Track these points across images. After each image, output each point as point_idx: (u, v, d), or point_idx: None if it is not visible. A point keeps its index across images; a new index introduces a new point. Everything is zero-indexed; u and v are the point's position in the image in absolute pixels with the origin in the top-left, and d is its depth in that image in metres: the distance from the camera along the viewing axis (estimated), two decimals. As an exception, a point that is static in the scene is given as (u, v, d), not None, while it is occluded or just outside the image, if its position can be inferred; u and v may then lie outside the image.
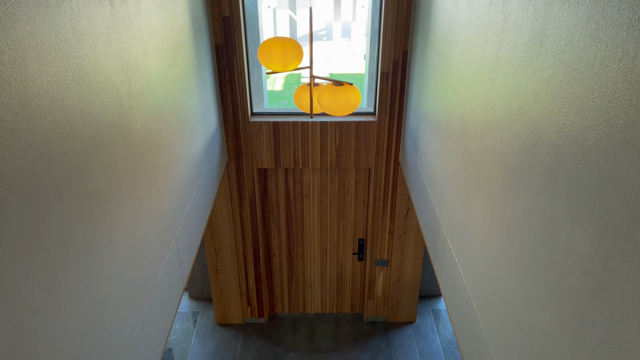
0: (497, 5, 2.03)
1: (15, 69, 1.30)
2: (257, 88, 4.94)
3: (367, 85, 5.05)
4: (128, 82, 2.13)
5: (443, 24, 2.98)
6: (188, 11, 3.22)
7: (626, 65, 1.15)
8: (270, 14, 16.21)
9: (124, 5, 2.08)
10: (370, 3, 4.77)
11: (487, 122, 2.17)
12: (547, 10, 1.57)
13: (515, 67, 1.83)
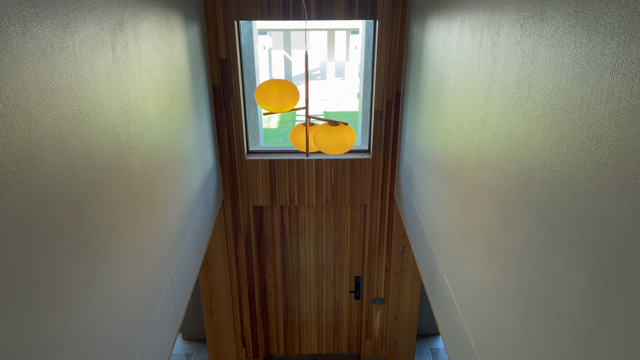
0: (486, 48, 2.10)
1: (19, 113, 1.33)
2: (253, 126, 5.01)
3: (361, 124, 5.13)
4: (127, 123, 2.17)
5: (435, 65, 3.07)
6: (186, 54, 3.30)
7: (612, 107, 1.19)
8: (265, 54, 16.57)
9: (125, 49, 2.14)
10: (363, 44, 4.91)
11: (480, 160, 2.21)
12: (534, 54, 1.63)
13: (506, 108, 1.88)
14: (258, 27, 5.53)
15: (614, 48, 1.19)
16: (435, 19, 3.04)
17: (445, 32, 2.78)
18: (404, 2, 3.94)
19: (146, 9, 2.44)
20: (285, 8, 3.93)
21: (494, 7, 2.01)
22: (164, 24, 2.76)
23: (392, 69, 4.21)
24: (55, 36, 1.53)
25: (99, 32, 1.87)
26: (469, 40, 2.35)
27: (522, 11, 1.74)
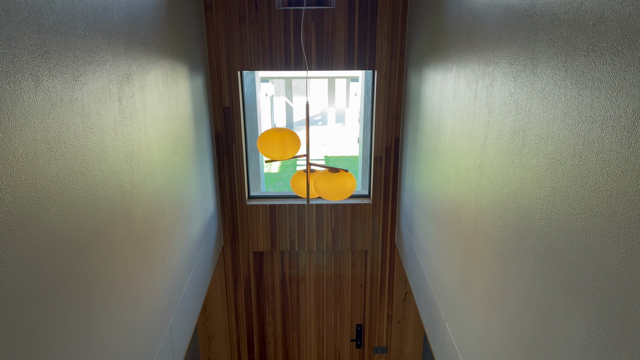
0: (481, 98, 2.17)
1: (27, 164, 1.37)
2: (254, 171, 5.07)
3: (361, 169, 5.19)
4: (131, 171, 2.21)
5: (432, 114, 3.15)
6: (191, 102, 3.39)
7: (603, 158, 1.23)
8: (268, 101, 16.91)
9: (131, 100, 2.21)
10: (362, 92, 5.04)
11: (478, 207, 2.23)
12: (527, 106, 1.69)
13: (502, 156, 1.92)
14: (260, 76, 5.69)
15: (602, 102, 1.24)
16: (431, 70, 3.14)
17: (442, 83, 2.87)
18: (401, 53, 4.08)
19: (153, 61, 2.54)
20: (287, 59, 4.06)
21: (488, 60, 2.09)
22: (170, 75, 2.86)
23: (391, 116, 4.30)
24: (65, 89, 1.59)
25: (107, 84, 1.94)
26: (464, 91, 2.43)
27: (514, 64, 1.81)
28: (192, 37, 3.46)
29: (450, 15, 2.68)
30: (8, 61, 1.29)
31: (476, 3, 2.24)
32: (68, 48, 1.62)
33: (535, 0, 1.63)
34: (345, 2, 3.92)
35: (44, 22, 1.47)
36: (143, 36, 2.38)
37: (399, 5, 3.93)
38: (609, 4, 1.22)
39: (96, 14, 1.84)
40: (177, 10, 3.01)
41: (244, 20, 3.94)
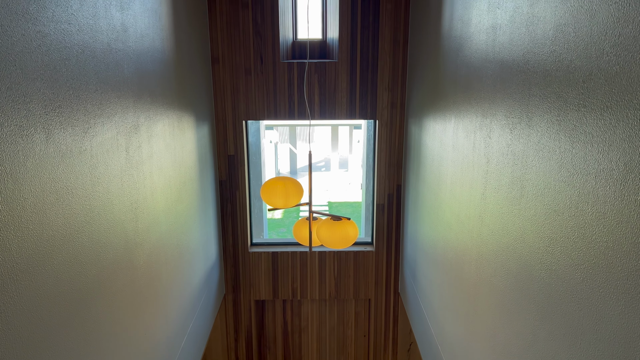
0: (480, 149, 2.22)
1: (35, 214, 1.40)
2: (257, 218, 5.09)
3: (364, 216, 5.20)
4: (135, 220, 2.24)
5: (432, 163, 3.20)
6: (196, 151, 3.47)
7: (599, 210, 1.25)
8: (272, 148, 17.13)
9: (138, 150, 2.27)
10: (365, 139, 5.13)
11: (480, 256, 2.24)
12: (524, 157, 1.73)
13: (502, 206, 1.94)
14: (265, 123, 5.82)
15: (595, 155, 1.28)
16: (431, 120, 3.21)
17: (441, 132, 2.93)
18: (402, 103, 4.18)
19: (161, 112, 2.62)
20: (291, 109, 4.17)
21: (485, 112, 2.15)
22: (176, 125, 2.94)
23: (393, 164, 4.36)
24: (75, 141, 1.65)
25: (115, 135, 2.00)
26: (463, 141, 2.48)
27: (510, 117, 1.86)
28: (199, 88, 3.57)
29: (448, 69, 2.78)
30: (22, 116, 1.35)
31: (472, 58, 2.33)
32: (79, 102, 1.69)
33: (528, 57, 1.70)
34: (347, 55, 4.06)
35: (58, 78, 1.55)
36: (152, 89, 2.47)
37: (399, 58, 4.07)
38: (596, 63, 1.28)
39: (108, 70, 1.93)
40: (185, 64, 3.12)
41: (250, 73, 4.08)
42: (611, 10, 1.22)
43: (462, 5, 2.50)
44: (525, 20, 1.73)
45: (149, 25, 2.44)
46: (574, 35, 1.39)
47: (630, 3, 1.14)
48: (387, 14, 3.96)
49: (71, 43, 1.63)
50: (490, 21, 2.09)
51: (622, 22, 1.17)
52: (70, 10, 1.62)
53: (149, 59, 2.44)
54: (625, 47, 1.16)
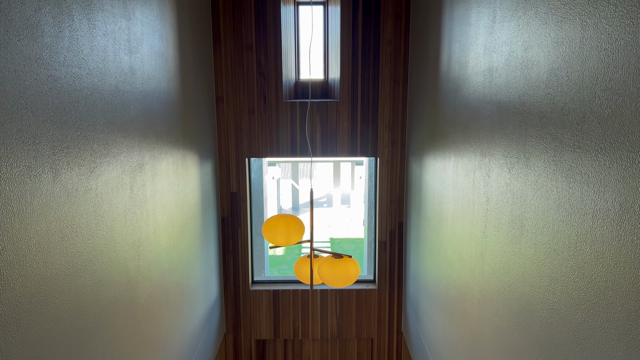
0: (479, 188, 2.24)
1: (39, 253, 1.42)
2: (259, 255, 5.07)
3: (366, 253, 5.18)
4: (137, 258, 2.24)
5: (433, 200, 3.22)
6: (199, 189, 3.50)
7: (597, 250, 1.27)
8: (274, 184, 17.20)
9: (142, 189, 2.30)
10: (366, 176, 5.17)
11: (482, 295, 2.23)
12: (522, 196, 1.75)
13: (502, 245, 1.95)
14: (268, 160, 5.90)
15: (591, 195, 1.30)
16: (431, 158, 3.26)
17: (441, 171, 2.97)
18: (402, 142, 4.24)
19: (165, 151, 2.66)
20: (293, 147, 4.23)
21: (484, 151, 2.19)
22: (180, 163, 2.98)
23: (394, 201, 4.38)
24: (81, 180, 1.68)
25: (120, 174, 2.04)
26: (463, 180, 2.51)
27: (508, 157, 1.89)
28: (204, 127, 3.64)
29: (446, 109, 2.84)
30: (31, 156, 1.38)
31: (470, 99, 2.38)
32: (87, 142, 1.73)
33: (524, 99, 1.75)
34: (349, 95, 4.15)
35: (67, 120, 1.59)
36: (157, 128, 2.53)
37: (399, 97, 4.15)
38: (589, 106, 1.32)
39: (115, 111, 1.98)
40: (190, 104, 3.20)
41: (253, 112, 4.16)
42: (601, 57, 1.26)
43: (460, 48, 2.58)
44: (520, 63, 1.78)
45: (156, 67, 2.52)
46: (566, 79, 1.44)
47: (618, 50, 1.19)
48: (386, 55, 4.07)
49: (81, 86, 1.68)
50: (486, 64, 2.15)
51: (612, 68, 1.21)
52: (81, 54, 1.68)
53: (155, 99, 2.50)
54: (616, 91, 1.20)
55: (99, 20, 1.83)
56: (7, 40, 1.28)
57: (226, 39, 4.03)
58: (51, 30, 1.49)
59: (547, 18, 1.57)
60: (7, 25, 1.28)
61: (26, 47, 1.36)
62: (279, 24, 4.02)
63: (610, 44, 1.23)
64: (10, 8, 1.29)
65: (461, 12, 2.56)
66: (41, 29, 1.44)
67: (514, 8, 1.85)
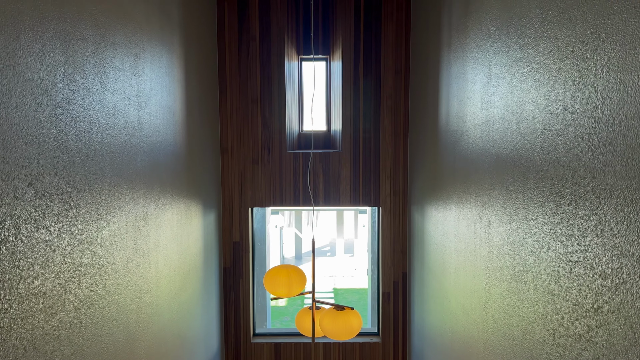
0: (480, 239, 2.25)
1: (42, 306, 1.42)
2: (260, 306, 5.00)
3: (370, 304, 5.10)
4: (138, 310, 2.23)
5: (436, 251, 3.21)
6: (202, 239, 3.51)
7: (597, 303, 1.27)
8: (277, 232, 17.15)
9: (146, 240, 2.32)
10: (369, 225, 5.17)
11: (487, 349, 2.19)
12: (523, 248, 1.76)
13: (505, 297, 1.94)
14: (271, 208, 5.93)
15: (589, 248, 1.31)
16: (433, 208, 3.28)
17: (443, 221, 2.98)
18: (404, 191, 4.28)
19: (170, 202, 2.70)
20: (296, 196, 4.27)
21: (484, 203, 2.21)
22: (184, 213, 3.01)
23: (397, 251, 4.36)
24: (86, 232, 1.71)
25: (125, 226, 2.06)
26: (464, 230, 2.52)
27: (507, 208, 1.92)
28: (208, 177, 3.70)
29: (446, 159, 2.89)
30: (39, 210, 1.42)
31: (469, 151, 2.44)
32: (94, 194, 1.77)
33: (521, 152, 1.79)
34: (350, 146, 4.23)
35: (75, 173, 1.64)
36: (162, 179, 2.57)
37: (399, 148, 4.23)
38: (583, 161, 1.35)
39: (122, 163, 2.04)
40: (195, 155, 3.27)
41: (257, 162, 4.23)
42: (592, 114, 1.32)
43: (457, 102, 2.66)
44: (515, 118, 1.84)
45: (163, 121, 2.60)
46: (560, 135, 1.49)
47: (607, 108, 1.24)
48: (387, 108, 4.18)
49: (90, 140, 1.74)
50: (483, 118, 2.21)
51: (602, 125, 1.26)
52: (92, 110, 1.75)
53: (162, 151, 2.57)
54: (608, 147, 1.24)
55: (110, 78, 1.91)
56: (23, 99, 1.35)
57: (232, 92, 4.16)
58: (65, 88, 1.57)
59: (540, 76, 1.64)
60: (24, 84, 1.35)
61: (40, 105, 1.43)
62: (283, 78, 4.16)
63: (599, 102, 1.28)
64: (27, 69, 1.37)
65: (458, 69, 2.66)
66: (55, 87, 1.51)
67: (507, 66, 1.93)
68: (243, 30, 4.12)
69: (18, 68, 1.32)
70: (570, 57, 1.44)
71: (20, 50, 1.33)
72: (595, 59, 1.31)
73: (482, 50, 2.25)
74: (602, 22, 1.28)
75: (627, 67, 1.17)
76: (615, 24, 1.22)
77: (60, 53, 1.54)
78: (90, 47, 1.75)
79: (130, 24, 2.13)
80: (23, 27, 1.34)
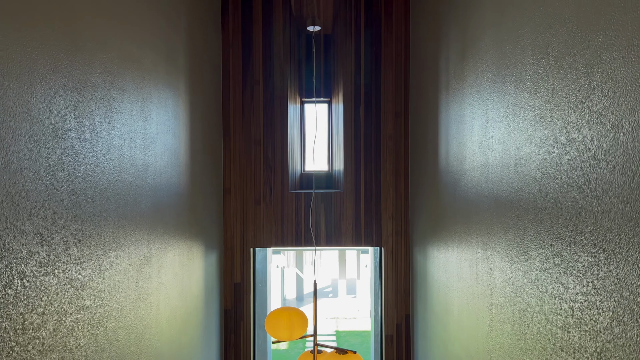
0: (483, 281, 2.25)
1: (43, 350, 1.42)
2: (261, 350, 4.90)
3: (373, 347, 5.00)
4: (139, 353, 2.21)
5: (439, 292, 3.19)
6: (203, 280, 3.50)
7: (600, 347, 1.26)
8: (278, 272, 16.98)
9: (148, 281, 2.33)
10: (372, 265, 5.14)
11: (492, 394, 2.14)
12: (525, 290, 1.76)
13: (508, 340, 1.92)
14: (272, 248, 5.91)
15: (590, 291, 1.32)
16: (435, 249, 3.28)
17: (445, 262, 2.98)
18: (406, 231, 4.28)
19: (172, 242, 2.71)
20: (298, 237, 4.27)
21: (485, 244, 2.22)
22: (186, 255, 3.02)
23: (400, 292, 4.32)
24: (89, 274, 1.72)
25: (127, 268, 2.07)
26: (467, 272, 2.52)
27: (508, 250, 1.93)
28: (211, 217, 3.72)
29: (446, 200, 2.92)
30: (45, 252, 1.44)
31: (469, 192, 2.46)
32: (98, 236, 1.79)
33: (520, 194, 1.82)
34: (352, 186, 4.27)
35: (81, 216, 1.67)
36: (165, 220, 2.60)
37: (401, 188, 4.26)
38: (580, 204, 1.38)
39: (127, 205, 2.06)
40: (198, 195, 3.30)
41: (260, 202, 4.26)
42: (586, 158, 1.35)
43: (456, 144, 2.71)
44: (513, 161, 1.88)
45: (168, 163, 2.65)
46: (557, 178, 1.52)
47: (601, 152, 1.27)
48: (388, 149, 4.24)
49: (96, 183, 1.78)
50: (482, 160, 2.25)
51: (597, 169, 1.29)
52: (99, 154, 1.80)
53: (165, 192, 2.60)
54: (603, 190, 1.27)
55: (118, 122, 1.97)
56: (34, 144, 1.39)
57: (235, 134, 4.23)
58: (74, 133, 1.61)
59: (535, 120, 1.68)
60: (35, 130, 1.40)
61: (50, 150, 1.47)
62: (285, 121, 4.24)
63: (593, 147, 1.32)
64: (39, 115, 1.42)
65: (456, 112, 2.72)
66: (65, 132, 1.56)
67: (504, 110, 1.98)
68: (247, 74, 4.24)
69: (30, 115, 1.37)
70: (564, 103, 1.49)
71: (33, 98, 1.39)
72: (587, 105, 1.35)
73: (479, 94, 2.32)
74: (592, 70, 1.33)
75: (618, 113, 1.21)
76: (605, 73, 1.27)
77: (71, 99, 1.60)
78: (100, 93, 1.81)
79: (138, 70, 2.21)
80: (37, 75, 1.40)
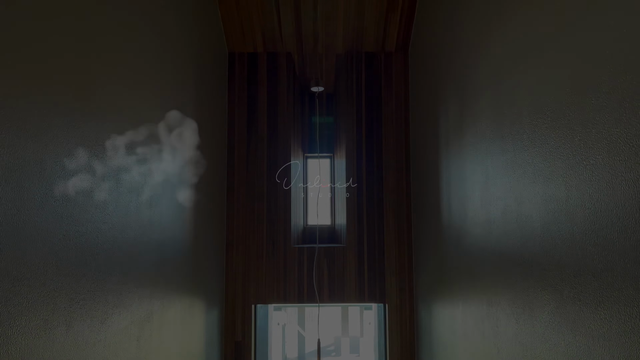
0: (489, 338, 2.21)
1: (42, 411, 1.39)
2: (262, 413, 4.71)
3: (377, 410, 4.81)
4: (137, 416, 2.14)
5: (445, 352, 3.11)
6: (204, 337, 3.43)
7: (612, 409, 1.23)
8: (279, 330, 16.56)
9: (149, 340, 2.29)
10: (376, 322, 5.03)
11: None
12: (532, 348, 1.73)
13: (518, 402, 1.87)
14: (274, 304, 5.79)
15: (597, 349, 1.30)
16: (439, 306, 3.23)
17: (450, 320, 2.93)
18: (410, 288, 4.23)
19: (174, 298, 2.69)
20: (300, 293, 4.22)
21: (490, 300, 2.20)
22: (187, 311, 2.98)
23: (405, 351, 4.21)
24: (92, 332, 1.70)
25: (129, 325, 2.05)
26: (472, 330, 2.47)
27: (514, 306, 1.91)
28: (213, 272, 3.69)
29: (450, 257, 2.91)
30: (49, 310, 1.44)
31: (472, 247, 2.47)
32: (102, 293, 1.79)
33: (522, 250, 1.82)
34: (355, 241, 4.26)
35: (86, 273, 1.67)
36: (168, 276, 2.59)
37: (404, 244, 4.25)
38: (583, 261, 1.39)
39: (131, 261, 2.07)
40: (200, 250, 3.30)
41: (262, 257, 4.24)
42: (586, 215, 1.37)
43: (458, 200, 2.74)
44: (515, 217, 1.90)
45: (173, 219, 2.67)
46: (558, 234, 1.53)
47: (601, 210, 1.30)
48: (390, 204, 4.27)
49: (103, 240, 1.80)
50: (484, 215, 2.27)
51: (598, 226, 1.31)
52: (106, 211, 1.83)
53: (169, 248, 2.61)
54: (605, 247, 1.28)
55: (125, 179, 2.01)
56: (45, 202, 1.42)
57: (239, 190, 4.28)
58: (84, 190, 1.65)
59: (535, 178, 1.72)
60: (47, 188, 1.44)
61: (60, 207, 1.50)
62: (288, 176, 4.30)
63: (592, 204, 1.34)
64: (52, 174, 1.46)
65: (457, 168, 2.77)
66: (75, 190, 1.59)
67: (504, 167, 2.03)
68: (252, 131, 4.35)
69: (44, 174, 1.41)
70: (561, 160, 1.53)
71: (47, 157, 1.43)
72: (584, 164, 1.39)
73: (478, 151, 2.37)
74: (587, 130, 1.38)
75: (615, 172, 1.24)
76: (600, 133, 1.31)
77: (82, 158, 1.65)
78: (110, 152, 1.86)
79: (148, 130, 2.28)
80: (52, 136, 1.46)
